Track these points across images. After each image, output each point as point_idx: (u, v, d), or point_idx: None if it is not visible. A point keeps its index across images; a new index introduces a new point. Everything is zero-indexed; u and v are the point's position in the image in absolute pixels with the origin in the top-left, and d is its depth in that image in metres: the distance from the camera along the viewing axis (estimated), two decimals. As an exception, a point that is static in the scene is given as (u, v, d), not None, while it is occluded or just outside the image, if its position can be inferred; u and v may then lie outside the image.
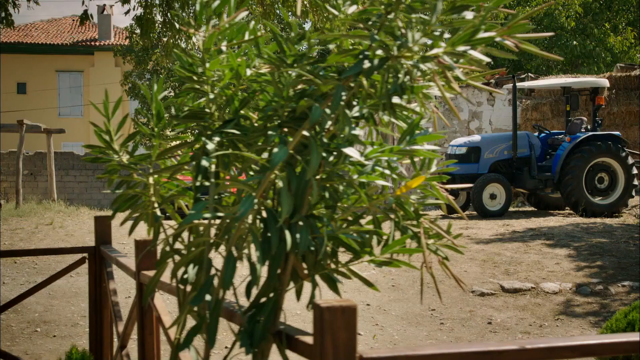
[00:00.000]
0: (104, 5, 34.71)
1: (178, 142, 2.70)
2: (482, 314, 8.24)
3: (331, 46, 2.50)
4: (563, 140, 15.14)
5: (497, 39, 2.17)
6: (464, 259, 10.18)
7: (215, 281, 2.31)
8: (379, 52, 2.20)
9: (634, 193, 14.99)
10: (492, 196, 14.67)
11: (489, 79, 18.55)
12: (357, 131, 2.33)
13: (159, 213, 2.67)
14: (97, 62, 37.98)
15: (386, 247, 2.44)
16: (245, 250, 2.39)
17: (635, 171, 14.80)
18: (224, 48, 2.58)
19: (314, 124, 2.16)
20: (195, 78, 2.57)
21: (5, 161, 26.83)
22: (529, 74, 19.78)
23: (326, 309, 1.96)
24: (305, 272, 2.42)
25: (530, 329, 7.81)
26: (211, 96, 2.52)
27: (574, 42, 32.99)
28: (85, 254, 5.02)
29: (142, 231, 3.10)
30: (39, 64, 37.96)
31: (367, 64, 2.14)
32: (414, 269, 9.37)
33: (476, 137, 15.59)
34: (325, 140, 2.26)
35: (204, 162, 2.35)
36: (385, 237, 2.53)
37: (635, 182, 14.80)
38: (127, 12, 11.50)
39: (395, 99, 2.31)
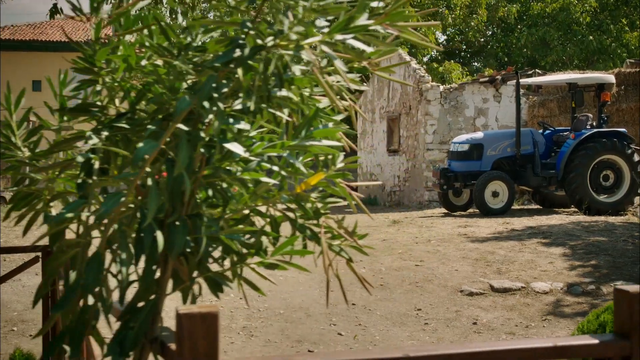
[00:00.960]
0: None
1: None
2: (469, 314, 8.07)
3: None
4: (568, 137, 14.90)
5: (377, 27, 2.02)
6: (457, 257, 10.02)
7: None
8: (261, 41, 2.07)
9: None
10: (495, 194, 14.47)
11: (496, 75, 18.32)
12: (243, 125, 2.19)
13: (53, 212, 2.55)
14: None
15: (276, 249, 2.31)
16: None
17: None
18: (128, 38, 2.46)
19: (180, 116, 2.02)
20: (95, 69, 2.45)
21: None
22: (537, 70, 19.51)
23: (184, 316, 1.83)
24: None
25: (516, 329, 7.64)
26: (98, 87, 2.40)
27: (590, 38, 32.62)
28: (39, 253, 4.93)
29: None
30: (54, 61, 38.05)
31: (237, 53, 2.01)
32: (404, 269, 9.13)
33: (479, 134, 15.39)
34: (203, 134, 2.13)
35: (79, 158, 2.22)
36: (285, 237, 2.40)
37: (642, 179, 14.55)
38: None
39: (284, 92, 2.18)
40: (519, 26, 33.77)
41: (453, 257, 10.02)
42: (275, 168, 2.26)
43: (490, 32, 34.86)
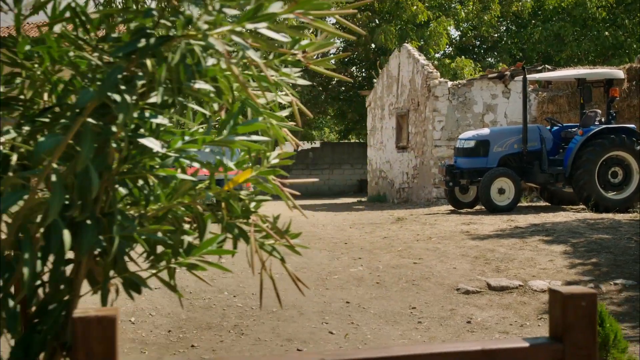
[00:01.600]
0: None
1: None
2: (464, 313, 7.95)
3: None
4: (576, 133, 14.71)
5: (289, 15, 1.93)
6: (456, 255, 9.89)
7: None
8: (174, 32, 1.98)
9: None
10: (501, 191, 14.31)
11: (505, 71, 18.13)
12: (161, 120, 2.11)
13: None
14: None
15: (197, 249, 2.22)
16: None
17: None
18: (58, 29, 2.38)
19: (86, 108, 1.94)
20: (18, 61, 2.38)
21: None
22: (546, 66, 19.28)
23: (79, 320, 1.75)
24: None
25: (510, 328, 7.51)
26: (18, 80, 2.32)
27: (606, 33, 32.26)
28: None
29: None
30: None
31: (143, 43, 1.92)
32: (401, 267, 9.01)
33: (485, 131, 15.24)
34: (114, 129, 2.04)
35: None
36: (211, 236, 2.31)
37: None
38: None
39: (201, 84, 2.09)
40: (533, 21, 33.44)
41: (452, 255, 9.90)
42: (196, 165, 2.17)
43: (504, 28, 34.56)
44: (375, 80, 23.26)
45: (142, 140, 2.03)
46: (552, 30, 31.75)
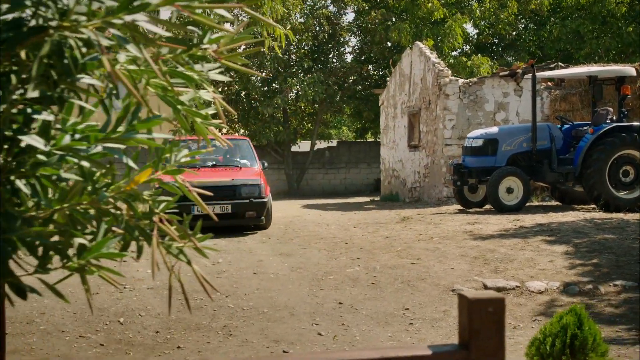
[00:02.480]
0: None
1: None
2: (456, 314, 7.81)
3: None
4: (587, 131, 14.47)
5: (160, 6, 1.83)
6: (455, 255, 9.75)
7: None
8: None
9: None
10: (509, 190, 14.12)
11: (516, 69, 17.91)
12: (45, 116, 2.02)
13: None
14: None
15: (87, 252, 2.13)
16: None
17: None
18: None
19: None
20: None
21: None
22: (559, 63, 19.03)
23: None
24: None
25: (503, 331, 7.36)
26: None
27: (629, 29, 31.80)
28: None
29: None
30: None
31: (11, 34, 1.84)
32: (398, 268, 8.85)
33: (493, 129, 15.05)
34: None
35: None
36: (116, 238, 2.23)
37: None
38: None
39: (87, 79, 2.01)
40: (552, 19, 33.05)
41: (452, 255, 9.76)
42: (85, 163, 2.08)
43: (522, 25, 34.21)
44: (388, 78, 23.11)
45: (24, 138, 1.96)
46: (571, 28, 31.34)
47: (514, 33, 33.15)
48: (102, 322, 7.60)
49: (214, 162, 13.71)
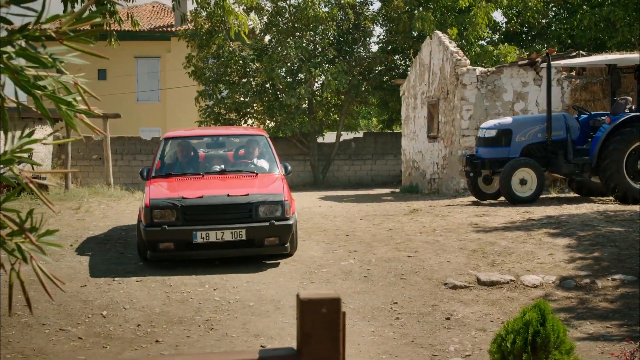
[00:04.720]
0: (181, -10, 34.72)
1: None
2: (445, 309, 7.63)
3: None
4: (604, 121, 14.08)
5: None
6: (454, 248, 9.54)
7: None
8: None
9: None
10: (523, 182, 13.80)
11: (536, 58, 17.53)
12: None
13: None
14: (174, 47, 38.23)
15: None
16: None
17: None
18: None
19: None
20: None
21: (75, 146, 27.50)
22: (581, 51, 18.58)
23: None
24: None
25: (490, 325, 7.18)
26: None
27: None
28: None
29: None
30: (118, 50, 38.50)
31: None
32: (393, 261, 8.68)
33: (507, 119, 14.73)
34: None
35: None
36: None
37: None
38: None
39: None
40: (583, 6, 32.39)
41: (450, 248, 9.55)
42: None
43: (552, 13, 33.58)
44: (409, 68, 22.82)
45: None
46: (602, 16, 30.68)
47: (544, 21, 32.57)
48: (84, 315, 7.55)
49: (222, 168, 10.58)
